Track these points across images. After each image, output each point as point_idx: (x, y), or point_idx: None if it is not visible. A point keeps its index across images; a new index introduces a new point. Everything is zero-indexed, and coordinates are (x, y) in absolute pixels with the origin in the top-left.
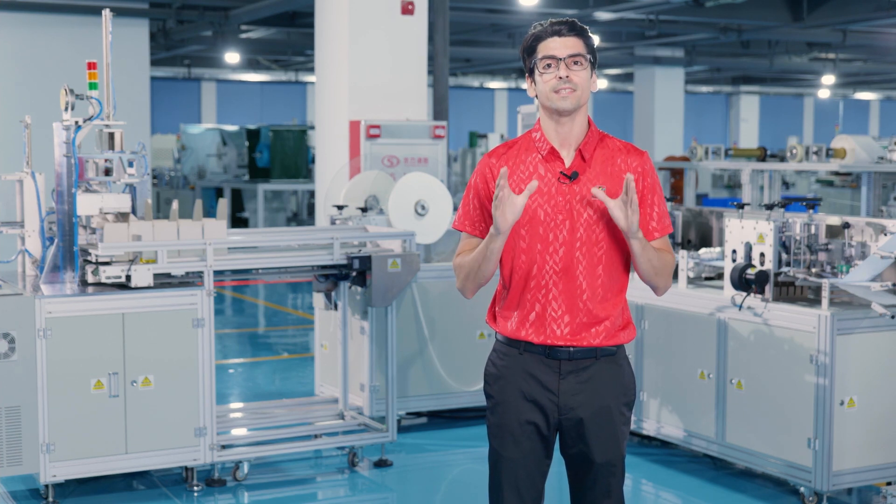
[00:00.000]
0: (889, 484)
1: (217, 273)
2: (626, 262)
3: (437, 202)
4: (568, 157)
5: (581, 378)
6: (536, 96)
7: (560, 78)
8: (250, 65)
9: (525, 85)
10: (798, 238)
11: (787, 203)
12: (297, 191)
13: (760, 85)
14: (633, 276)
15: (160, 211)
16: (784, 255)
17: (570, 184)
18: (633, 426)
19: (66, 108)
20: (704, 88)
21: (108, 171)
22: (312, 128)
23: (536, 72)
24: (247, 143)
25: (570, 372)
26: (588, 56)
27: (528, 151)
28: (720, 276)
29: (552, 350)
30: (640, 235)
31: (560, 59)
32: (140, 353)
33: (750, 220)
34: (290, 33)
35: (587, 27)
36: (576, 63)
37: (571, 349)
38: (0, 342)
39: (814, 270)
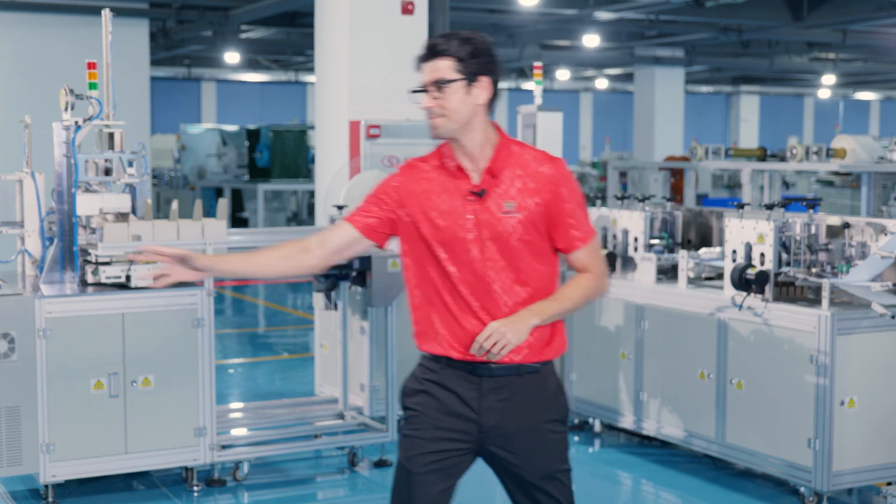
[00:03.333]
0: (889, 484)
1: None
2: (549, 275)
3: None
4: (476, 173)
5: (502, 395)
6: None
7: (427, 108)
8: (250, 65)
9: (524, 85)
10: (798, 238)
11: (787, 203)
12: (297, 191)
13: (760, 85)
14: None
15: (160, 211)
16: (784, 255)
17: (479, 201)
18: (632, 426)
19: (66, 108)
20: (704, 88)
21: (108, 171)
22: (312, 128)
23: None
24: (247, 143)
25: (491, 389)
26: (453, 77)
27: (438, 168)
28: (720, 276)
29: (473, 367)
30: (534, 321)
31: (424, 89)
32: (140, 353)
33: (750, 220)
34: (290, 33)
35: (469, 38)
36: (439, 89)
37: (493, 366)
38: (0, 342)
39: (814, 270)
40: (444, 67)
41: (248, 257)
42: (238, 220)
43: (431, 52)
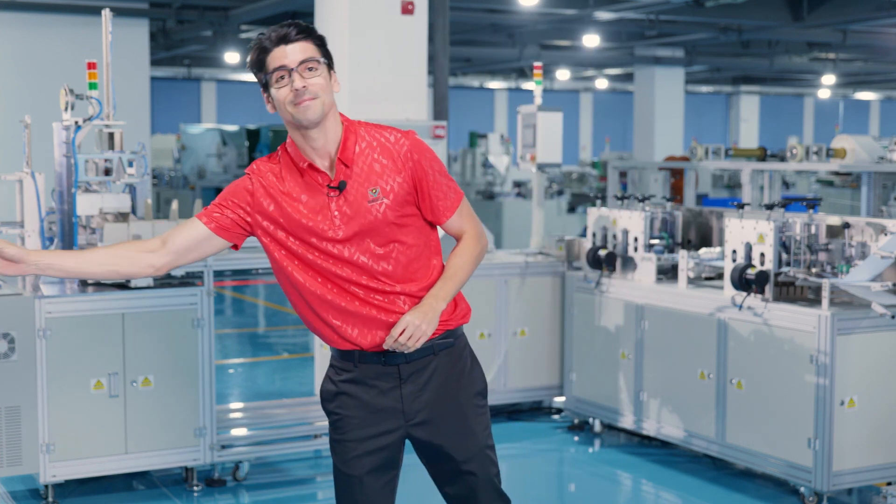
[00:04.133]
0: (889, 484)
1: (217, 273)
2: (428, 247)
3: None
4: (328, 167)
5: (422, 377)
6: (277, 112)
7: (297, 90)
8: None
9: (524, 85)
10: (798, 238)
11: (788, 203)
12: None
13: (760, 85)
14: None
15: (160, 211)
16: (784, 255)
17: (341, 195)
18: (632, 426)
19: (66, 108)
20: (704, 88)
21: (108, 171)
22: None
23: (271, 87)
24: (247, 143)
25: (410, 374)
26: (322, 59)
27: (289, 169)
28: (720, 276)
29: (388, 356)
30: (440, 306)
31: (291, 69)
32: (140, 353)
33: (750, 220)
34: None
35: (313, 27)
36: (310, 69)
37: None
38: (0, 342)
39: (814, 270)
40: (312, 49)
41: (81, 256)
42: None
43: (299, 32)
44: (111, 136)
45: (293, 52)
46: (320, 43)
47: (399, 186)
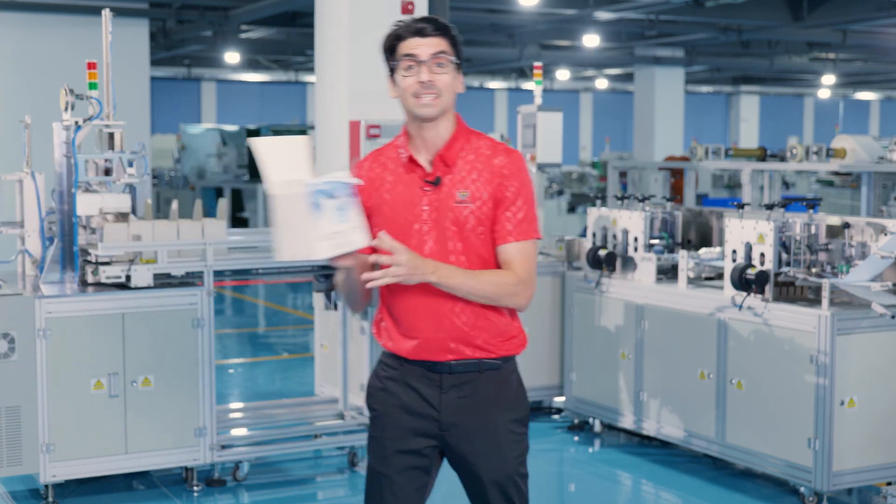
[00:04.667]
0: (889, 484)
1: (217, 273)
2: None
3: None
4: (429, 162)
5: (463, 392)
6: (398, 98)
7: (422, 82)
8: (250, 65)
9: (524, 85)
10: (798, 238)
11: (787, 203)
12: None
13: (760, 85)
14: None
15: (160, 211)
16: (784, 255)
17: (434, 191)
18: (632, 426)
19: (66, 108)
20: (704, 88)
21: (108, 171)
22: (312, 128)
23: (397, 73)
24: (246, 144)
25: (452, 386)
26: (452, 58)
27: (394, 160)
28: (720, 276)
29: (433, 364)
30: (431, 279)
31: (422, 60)
32: (140, 353)
33: (750, 220)
34: (290, 33)
35: (452, 25)
36: (439, 64)
37: (452, 362)
38: (0, 342)
39: (814, 270)
40: (446, 45)
41: None
42: (238, 220)
43: (436, 28)
44: (111, 136)
45: (427, 45)
46: (454, 42)
47: (488, 197)
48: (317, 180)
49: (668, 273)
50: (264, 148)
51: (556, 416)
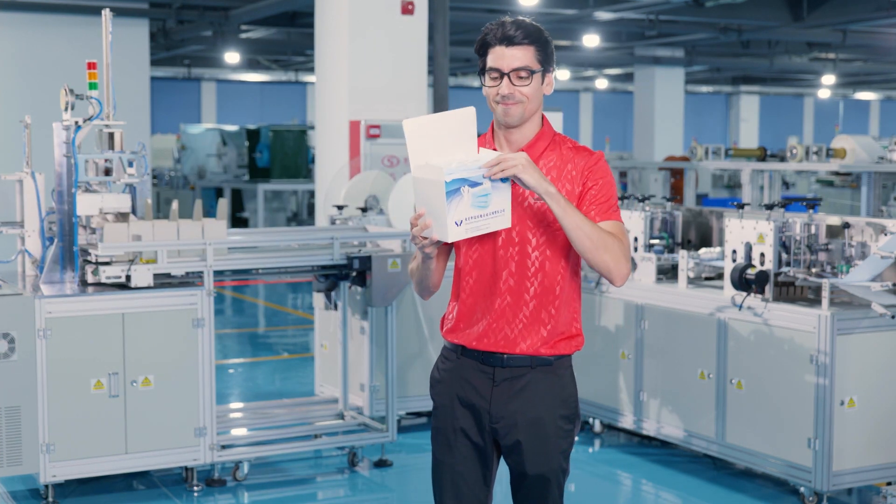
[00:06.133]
0: (889, 484)
1: (217, 273)
2: (574, 280)
3: None
4: None
5: (515, 386)
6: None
7: (502, 94)
8: (250, 65)
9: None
10: (798, 238)
11: (787, 203)
12: (297, 191)
13: (760, 85)
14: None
15: (160, 211)
16: (784, 255)
17: (515, 186)
18: (632, 426)
19: (66, 108)
20: (704, 88)
21: (108, 171)
22: (312, 128)
23: (484, 78)
24: (247, 143)
25: (504, 379)
26: (537, 67)
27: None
28: (720, 276)
29: (487, 356)
30: (552, 190)
31: (504, 73)
32: (140, 353)
33: (750, 220)
34: (290, 33)
35: (542, 29)
36: (521, 78)
37: (505, 356)
38: (0, 342)
39: (814, 270)
40: (530, 55)
41: None
42: (238, 220)
43: (524, 37)
44: (111, 136)
45: (511, 58)
46: (542, 48)
47: (567, 193)
48: (457, 167)
49: (668, 273)
50: (414, 129)
51: None
